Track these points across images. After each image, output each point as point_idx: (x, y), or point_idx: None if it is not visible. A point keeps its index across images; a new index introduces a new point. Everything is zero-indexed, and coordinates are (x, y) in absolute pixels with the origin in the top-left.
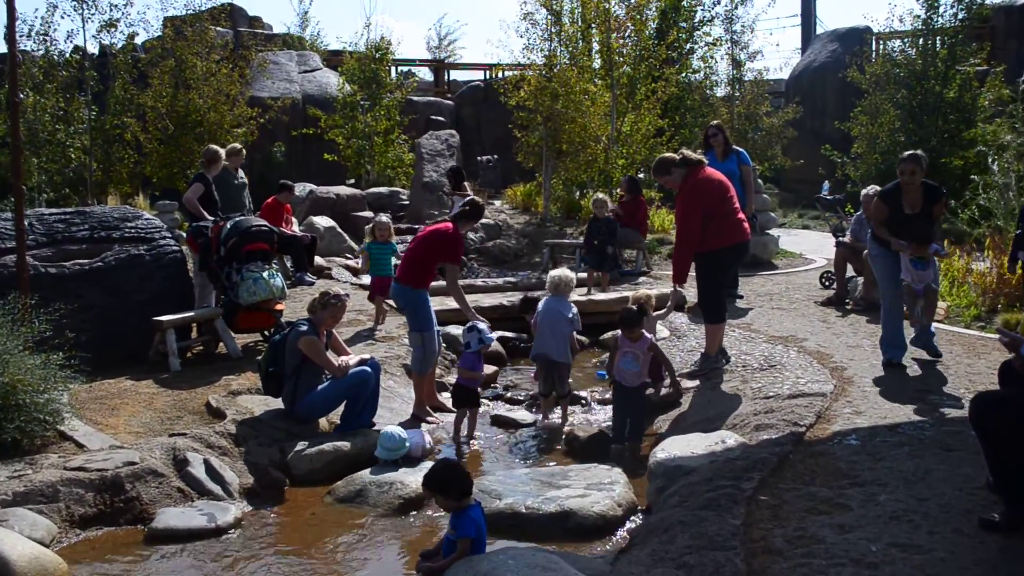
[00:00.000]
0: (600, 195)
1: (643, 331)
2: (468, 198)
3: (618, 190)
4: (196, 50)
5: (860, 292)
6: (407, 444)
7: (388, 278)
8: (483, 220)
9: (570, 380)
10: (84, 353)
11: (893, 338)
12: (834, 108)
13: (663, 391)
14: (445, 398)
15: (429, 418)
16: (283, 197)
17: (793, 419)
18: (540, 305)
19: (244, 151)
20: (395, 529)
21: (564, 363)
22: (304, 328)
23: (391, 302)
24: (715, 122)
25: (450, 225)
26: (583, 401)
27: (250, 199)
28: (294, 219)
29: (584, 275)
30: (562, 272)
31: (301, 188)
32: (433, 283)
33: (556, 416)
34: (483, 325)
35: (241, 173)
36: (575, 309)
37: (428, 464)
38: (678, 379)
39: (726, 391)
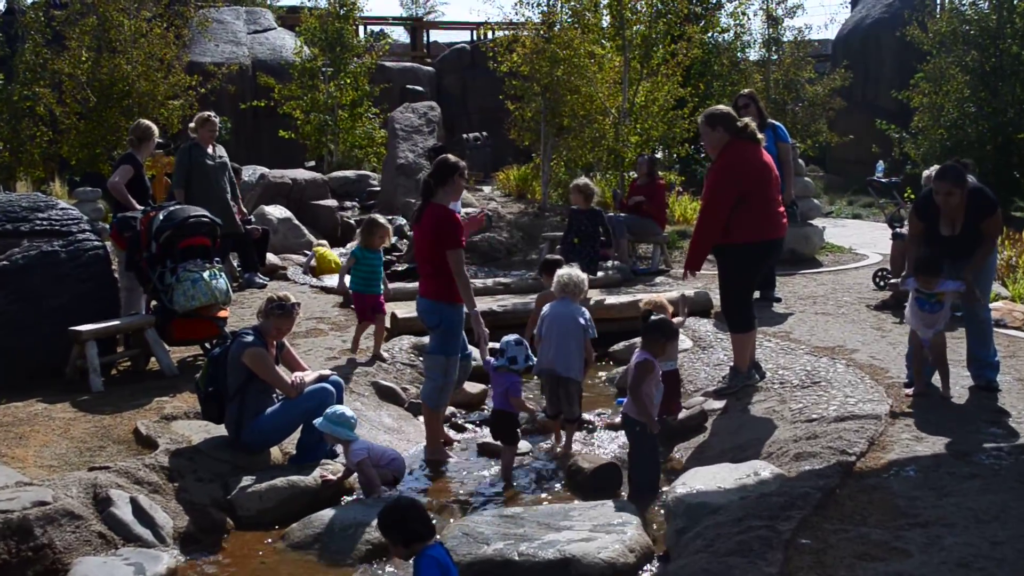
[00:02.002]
0: (582, 180)
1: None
2: (436, 159)
3: (632, 172)
4: (122, 5)
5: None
6: (352, 423)
7: (379, 296)
8: (470, 209)
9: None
10: None
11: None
12: (890, 74)
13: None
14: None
15: (448, 459)
16: None
17: (841, 446)
18: (545, 310)
19: (217, 120)
20: None
21: (574, 379)
22: (249, 339)
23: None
24: (747, 91)
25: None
26: (588, 425)
27: (233, 183)
28: (243, 208)
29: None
30: (572, 272)
31: (250, 172)
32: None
33: (550, 443)
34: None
35: (221, 150)
36: (588, 314)
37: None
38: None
39: (759, 413)
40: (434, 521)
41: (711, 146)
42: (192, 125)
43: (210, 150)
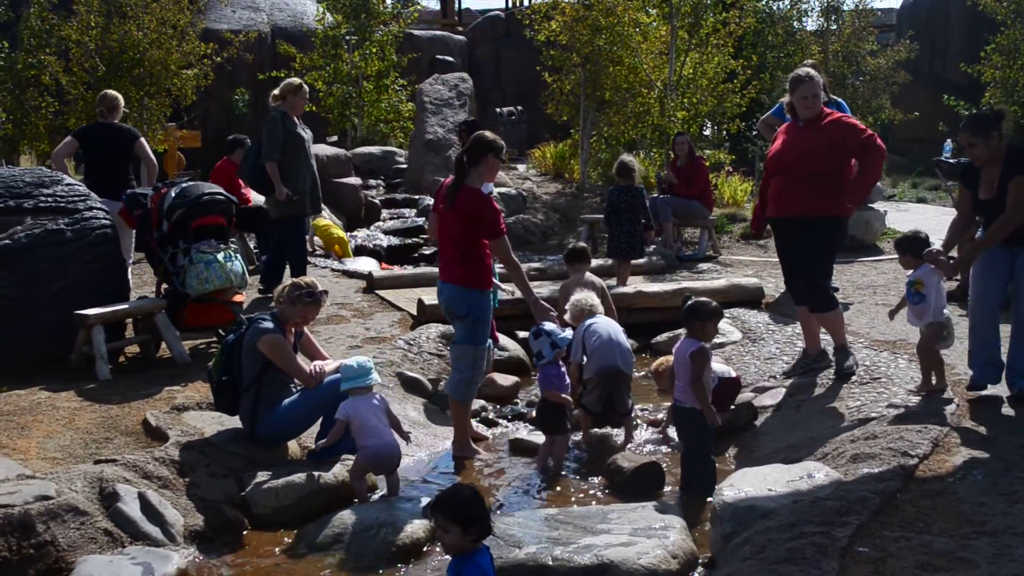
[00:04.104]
0: (626, 157)
1: None
2: (471, 136)
3: (671, 152)
4: None
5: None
6: (359, 369)
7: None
8: (503, 189)
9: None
10: None
11: (978, 351)
12: (960, 45)
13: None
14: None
15: (477, 455)
16: (236, 157)
17: (902, 448)
18: (585, 327)
19: (307, 89)
20: None
21: (631, 374)
22: (266, 325)
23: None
24: (809, 62)
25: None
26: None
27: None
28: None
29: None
30: (584, 295)
31: None
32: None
33: (618, 435)
34: (551, 325)
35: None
36: None
37: (405, 496)
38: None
39: (814, 411)
40: None
41: (813, 102)
42: (277, 92)
43: (300, 122)
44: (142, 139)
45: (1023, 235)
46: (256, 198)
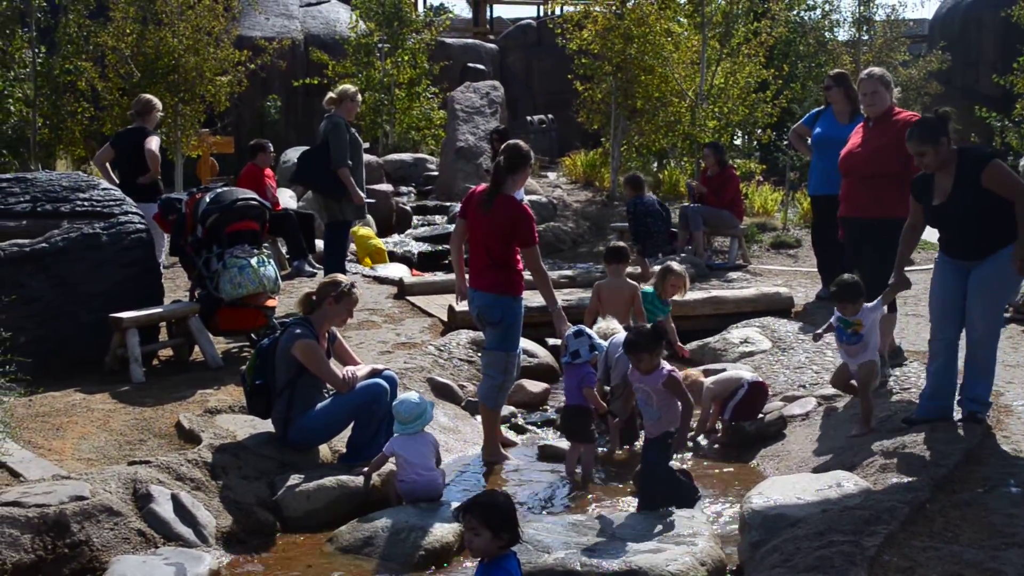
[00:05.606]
0: (636, 173)
1: (661, 361)
2: (503, 145)
3: (703, 162)
4: None
5: (1023, 296)
6: (429, 409)
7: None
8: (534, 197)
9: None
10: (23, 358)
11: (927, 382)
12: (993, 56)
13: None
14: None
15: (506, 461)
16: (260, 161)
17: (932, 458)
18: (612, 344)
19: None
20: None
21: None
22: (299, 330)
23: None
24: (835, 71)
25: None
26: None
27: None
28: (280, 188)
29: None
30: (606, 323)
31: (300, 153)
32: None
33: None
34: (589, 329)
35: None
36: None
37: (437, 509)
38: (713, 432)
39: (843, 420)
40: None
41: (884, 105)
42: (333, 96)
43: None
44: (150, 137)
45: (950, 218)
46: (285, 203)
